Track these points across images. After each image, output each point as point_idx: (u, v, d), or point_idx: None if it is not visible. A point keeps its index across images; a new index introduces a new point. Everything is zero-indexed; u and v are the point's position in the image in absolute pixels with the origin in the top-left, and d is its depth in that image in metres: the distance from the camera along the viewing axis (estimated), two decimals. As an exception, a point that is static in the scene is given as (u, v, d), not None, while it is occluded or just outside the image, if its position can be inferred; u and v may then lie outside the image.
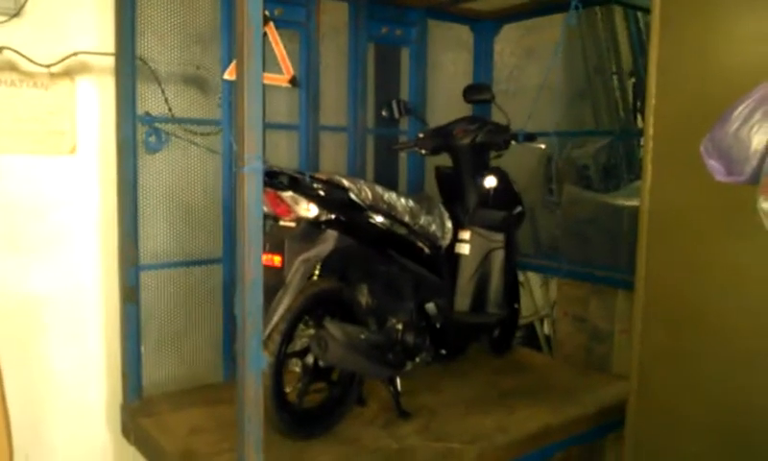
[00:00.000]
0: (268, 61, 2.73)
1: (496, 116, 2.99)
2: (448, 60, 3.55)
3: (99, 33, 2.56)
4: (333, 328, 2.10)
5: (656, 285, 2.15)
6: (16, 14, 2.38)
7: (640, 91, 4.02)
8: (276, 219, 2.19)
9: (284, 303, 2.03)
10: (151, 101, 2.64)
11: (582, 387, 2.95)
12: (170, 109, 2.67)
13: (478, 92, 3.00)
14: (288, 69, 2.88)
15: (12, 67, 2.41)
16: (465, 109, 3.23)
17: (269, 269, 2.00)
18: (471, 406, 2.67)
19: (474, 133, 2.88)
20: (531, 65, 3.56)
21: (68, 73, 2.53)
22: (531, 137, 2.86)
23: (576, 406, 2.72)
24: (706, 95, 1.94)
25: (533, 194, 3.65)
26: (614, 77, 4.17)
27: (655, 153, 2.11)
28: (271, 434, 2.03)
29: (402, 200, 2.42)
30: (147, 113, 2.62)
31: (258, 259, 1.72)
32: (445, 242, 2.71)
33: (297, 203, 2.09)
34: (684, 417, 2.11)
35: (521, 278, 3.63)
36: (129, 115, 2.55)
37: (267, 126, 2.58)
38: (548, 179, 3.89)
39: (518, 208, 3.01)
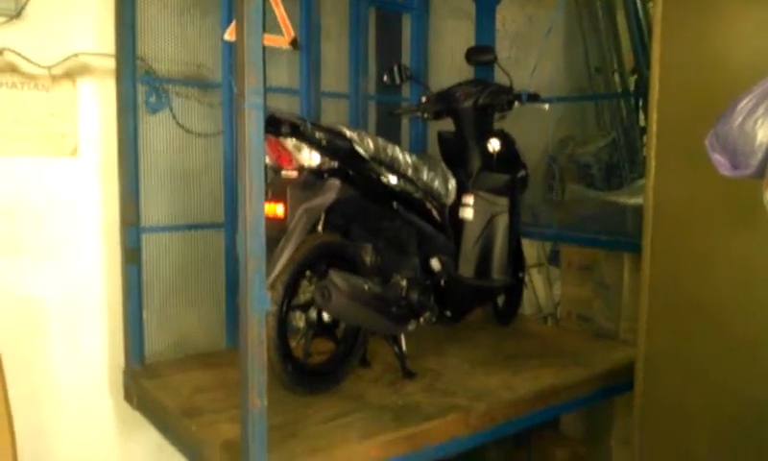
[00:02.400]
0: (268, 24, 2.71)
1: (499, 80, 2.96)
2: (450, 28, 3.53)
3: (99, 33, 2.55)
4: (337, 278, 2.08)
5: (661, 283, 2.13)
6: (17, 16, 2.37)
7: (643, 89, 4.00)
8: (278, 170, 2.16)
9: (287, 252, 2.01)
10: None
11: (588, 351, 2.92)
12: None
13: (481, 53, 2.97)
14: (289, 31, 2.86)
15: (13, 69, 2.40)
16: (467, 76, 3.21)
17: (271, 220, 1.99)
18: (476, 367, 2.64)
19: (477, 94, 2.85)
20: (532, 33, 3.54)
21: (69, 74, 2.51)
22: (534, 97, 2.84)
23: (582, 368, 2.69)
24: (709, 89, 1.93)
25: (535, 192, 3.63)
26: (616, 74, 4.15)
27: (658, 149, 2.10)
28: (275, 389, 2.00)
29: (405, 154, 2.40)
30: (147, 72, 2.60)
31: (260, 196, 1.69)
32: (449, 201, 2.68)
33: (299, 150, 2.06)
34: (690, 415, 2.09)
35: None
36: (129, 74, 2.52)
37: (267, 90, 2.56)
38: (550, 176, 3.88)
39: (522, 172, 2.98)
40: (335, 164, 2.12)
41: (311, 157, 2.08)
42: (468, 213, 2.82)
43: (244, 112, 1.66)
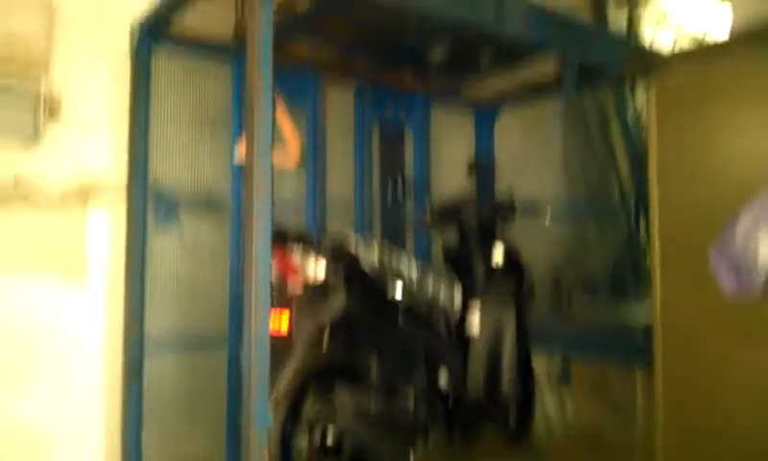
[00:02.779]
0: (276, 141, 2.79)
1: (500, 189, 3.02)
2: (451, 143, 3.64)
3: (112, 156, 2.63)
4: (342, 398, 2.01)
5: (674, 409, 2.08)
6: (34, 143, 2.46)
7: (642, 204, 4.08)
8: (283, 285, 2.15)
9: (291, 368, 1.95)
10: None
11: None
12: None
13: (481, 167, 3.05)
14: (296, 148, 2.94)
15: (27, 192, 2.46)
16: (468, 188, 3.26)
17: (275, 337, 1.95)
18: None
19: (479, 207, 2.89)
20: (530, 146, 3.64)
21: (81, 197, 2.57)
22: (535, 208, 2.87)
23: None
24: (708, 201, 1.97)
25: (541, 306, 3.61)
26: (615, 188, 4.22)
27: (663, 263, 2.12)
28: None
29: (411, 263, 2.39)
30: (158, 190, 2.65)
31: (266, 307, 1.67)
32: (455, 313, 2.65)
33: (305, 263, 2.06)
34: None
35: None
36: (140, 194, 2.58)
37: (274, 203, 2.61)
38: (557, 291, 3.87)
39: (528, 282, 2.97)
40: (341, 277, 2.11)
41: (317, 271, 2.07)
42: (474, 325, 2.78)
43: (252, 223, 1.68)
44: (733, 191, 1.84)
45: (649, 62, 2.52)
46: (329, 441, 2.10)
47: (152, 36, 2.62)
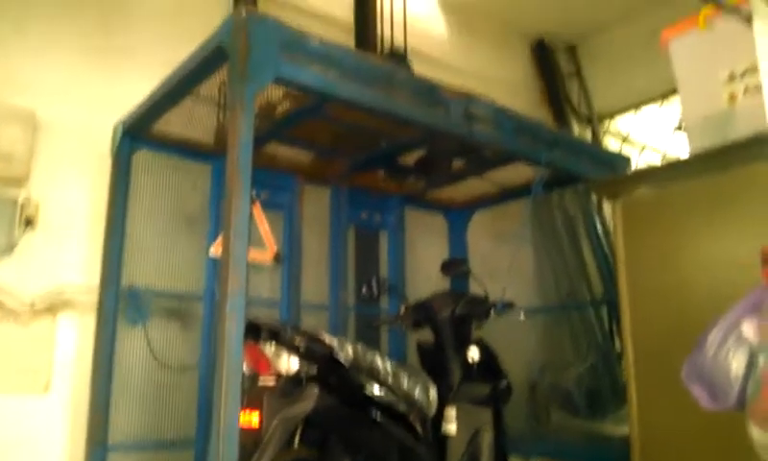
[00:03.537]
0: (253, 239, 2.83)
1: (474, 292, 3.05)
2: (425, 244, 3.71)
3: (85, 267, 2.64)
4: (314, 496, 1.92)
5: None
6: (7, 252, 2.46)
7: (614, 314, 4.09)
8: (255, 378, 2.10)
9: (261, 467, 1.87)
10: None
11: None
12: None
13: (455, 266, 3.09)
14: (272, 246, 2.98)
15: None
16: (443, 287, 3.30)
17: (246, 431, 1.89)
18: None
19: (453, 304, 2.90)
20: (502, 248, 3.72)
21: (51, 309, 2.55)
22: (509, 306, 2.90)
23: None
24: (679, 314, 2.00)
25: (518, 420, 3.59)
26: (588, 302, 4.26)
27: (637, 377, 2.12)
28: None
29: (386, 361, 2.37)
30: (131, 286, 2.63)
31: (236, 400, 1.64)
32: (431, 412, 2.59)
33: (278, 356, 2.03)
34: None
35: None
36: (113, 282, 2.56)
37: (248, 301, 2.61)
38: (533, 405, 3.85)
39: (504, 382, 2.94)
40: (314, 371, 2.08)
41: (290, 364, 2.04)
42: (451, 428, 2.71)
43: (225, 315, 1.68)
44: (703, 301, 1.88)
45: (615, 178, 2.64)
46: None
47: (133, 137, 2.70)
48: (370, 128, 2.69)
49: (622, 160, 3.13)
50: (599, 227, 4.23)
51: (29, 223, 2.51)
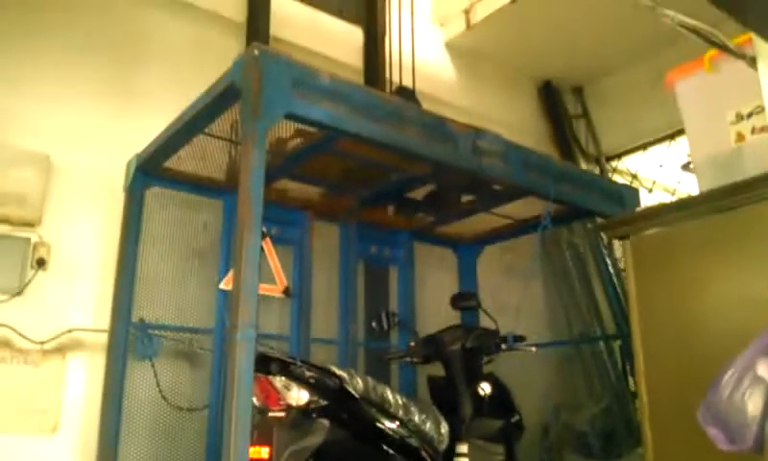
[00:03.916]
0: (263, 274, 2.85)
1: (484, 324, 3.04)
2: (435, 279, 3.71)
3: (97, 305, 2.66)
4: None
5: None
6: (19, 293, 2.49)
7: (627, 353, 4.03)
8: (265, 411, 2.10)
9: (271, 502, 1.86)
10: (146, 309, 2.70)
11: None
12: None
13: (465, 299, 3.09)
14: (282, 280, 3.00)
15: (6, 344, 2.44)
16: (453, 322, 3.29)
17: (256, 463, 1.89)
18: None
19: (464, 338, 2.90)
20: (512, 282, 3.72)
21: (60, 350, 2.56)
22: (520, 339, 2.88)
23: None
24: (693, 354, 1.97)
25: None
26: (600, 341, 4.24)
27: (652, 419, 2.06)
28: None
29: (396, 395, 2.36)
30: (141, 320, 2.65)
31: (246, 432, 1.64)
32: (442, 446, 2.56)
33: (288, 389, 2.03)
34: None
35: None
36: (123, 318, 2.58)
37: (258, 335, 2.62)
38: (546, 447, 3.80)
39: (516, 417, 2.91)
40: (324, 403, 2.08)
41: (299, 396, 2.04)
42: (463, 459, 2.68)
43: (235, 345, 1.68)
44: (716, 339, 1.85)
45: (623, 218, 2.63)
46: None
47: (146, 173, 2.75)
48: (379, 162, 2.73)
49: (630, 193, 3.14)
50: (610, 265, 4.21)
51: (41, 264, 2.54)
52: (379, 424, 2.22)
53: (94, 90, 2.88)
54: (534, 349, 2.92)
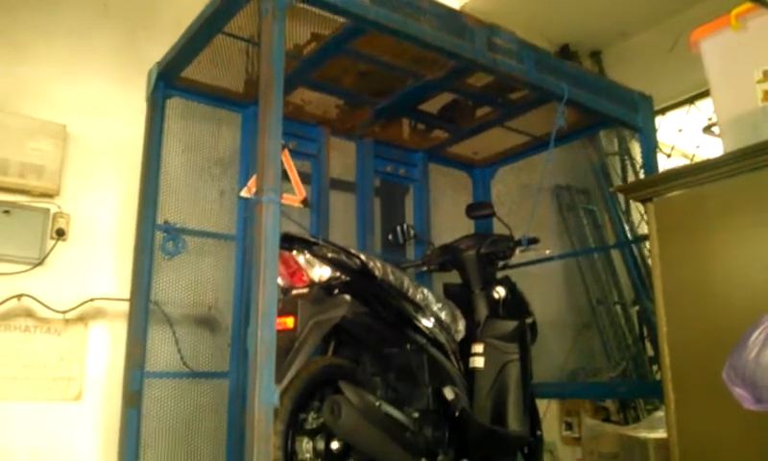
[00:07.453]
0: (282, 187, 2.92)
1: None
2: (450, 200, 3.77)
3: (115, 277, 2.72)
4: (349, 392, 1.98)
5: None
6: (39, 263, 2.54)
7: (645, 319, 4.12)
8: (289, 291, 2.18)
9: (296, 365, 1.94)
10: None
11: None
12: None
13: (480, 208, 3.15)
14: (301, 191, 3.07)
15: (29, 313, 2.51)
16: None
17: (282, 332, 1.96)
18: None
19: (479, 244, 2.96)
20: (527, 201, 3.76)
21: (82, 318, 2.62)
22: (534, 241, 2.94)
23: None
24: (716, 317, 1.96)
25: (550, 430, 3.59)
26: (617, 306, 4.26)
27: (675, 382, 2.06)
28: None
29: (414, 284, 2.43)
30: (166, 221, 2.74)
31: (273, 287, 1.71)
32: (459, 336, 2.64)
33: (311, 265, 2.11)
34: None
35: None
36: (149, 221, 2.66)
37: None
38: (564, 413, 3.83)
39: (530, 319, 2.97)
40: (346, 279, 2.15)
41: (322, 272, 2.11)
42: (478, 362, 2.76)
43: (261, 207, 1.76)
44: (741, 301, 1.84)
45: (646, 180, 2.55)
46: (334, 446, 2.05)
47: (166, 84, 2.81)
48: (394, 66, 2.77)
49: (644, 101, 3.16)
50: (628, 230, 4.23)
51: (60, 234, 2.60)
52: (397, 302, 2.29)
53: (109, 59, 2.91)
54: (548, 251, 2.98)
